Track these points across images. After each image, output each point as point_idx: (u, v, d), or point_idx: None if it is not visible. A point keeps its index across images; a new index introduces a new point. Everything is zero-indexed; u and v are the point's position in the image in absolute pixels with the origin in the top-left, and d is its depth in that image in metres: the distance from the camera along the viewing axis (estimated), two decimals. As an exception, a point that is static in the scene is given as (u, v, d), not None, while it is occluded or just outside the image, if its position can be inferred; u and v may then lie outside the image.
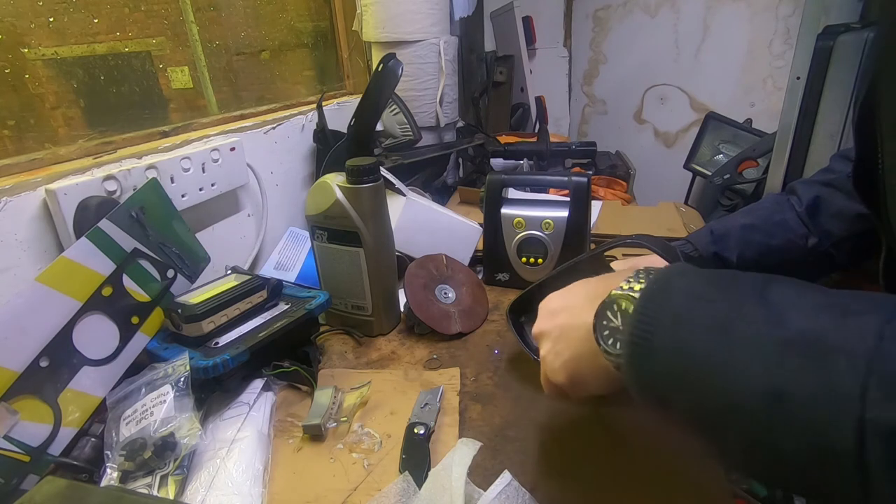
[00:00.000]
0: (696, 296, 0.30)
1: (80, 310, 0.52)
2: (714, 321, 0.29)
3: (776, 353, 0.26)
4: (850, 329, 0.25)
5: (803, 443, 0.25)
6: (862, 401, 0.23)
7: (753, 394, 0.26)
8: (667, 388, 0.30)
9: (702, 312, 0.29)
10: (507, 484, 0.41)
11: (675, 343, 0.30)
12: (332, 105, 1.09)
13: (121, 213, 0.56)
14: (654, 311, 0.31)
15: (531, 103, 1.73)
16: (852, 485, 0.24)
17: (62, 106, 0.79)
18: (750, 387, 0.26)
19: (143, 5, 0.87)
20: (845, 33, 0.86)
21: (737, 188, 1.43)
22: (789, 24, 1.74)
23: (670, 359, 0.30)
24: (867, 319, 0.25)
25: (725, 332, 0.28)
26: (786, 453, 0.26)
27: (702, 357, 0.28)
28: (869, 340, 0.24)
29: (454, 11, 1.36)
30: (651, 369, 0.31)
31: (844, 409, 0.23)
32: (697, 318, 0.29)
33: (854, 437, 0.23)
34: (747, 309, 0.28)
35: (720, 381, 0.27)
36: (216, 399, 0.56)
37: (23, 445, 0.46)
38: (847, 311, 0.26)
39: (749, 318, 0.28)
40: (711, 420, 0.29)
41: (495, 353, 0.66)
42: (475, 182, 1.28)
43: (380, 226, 0.67)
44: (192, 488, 0.45)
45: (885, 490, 0.23)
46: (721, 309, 0.29)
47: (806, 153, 0.95)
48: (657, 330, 0.30)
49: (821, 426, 0.24)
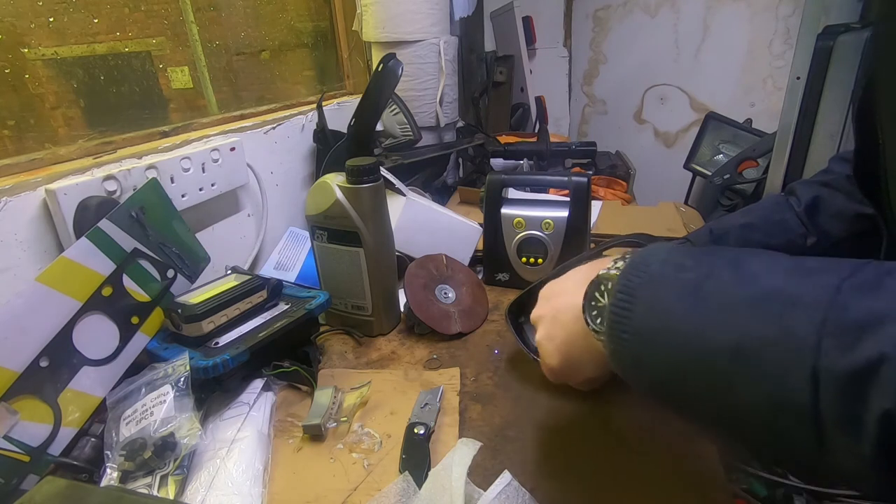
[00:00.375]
0: (674, 265, 0.32)
1: (80, 310, 0.52)
2: (688, 285, 0.30)
3: (741, 309, 0.27)
4: (811, 285, 0.26)
5: (762, 396, 0.25)
6: (816, 349, 0.23)
7: (719, 349, 0.27)
8: (641, 350, 0.31)
9: (677, 277, 0.31)
10: (507, 484, 0.41)
11: (650, 306, 0.31)
12: (332, 105, 1.09)
13: (121, 213, 0.56)
14: (634, 280, 0.32)
15: (531, 103, 1.73)
16: (807, 437, 0.24)
17: (62, 106, 0.79)
18: (716, 343, 0.27)
19: (143, 5, 0.87)
20: (845, 33, 0.86)
21: (737, 188, 1.43)
22: (789, 24, 1.74)
23: (645, 321, 0.31)
24: (828, 276, 0.25)
25: (697, 293, 0.29)
26: (746, 408, 0.26)
27: (674, 318, 0.29)
28: (827, 293, 0.25)
29: (454, 11, 1.36)
30: (627, 333, 0.32)
31: (800, 358, 0.24)
32: (672, 283, 0.31)
33: (808, 387, 0.23)
34: (719, 272, 0.29)
35: (689, 340, 0.28)
36: (216, 399, 0.56)
37: (23, 445, 0.46)
38: (812, 270, 0.27)
39: (719, 281, 0.29)
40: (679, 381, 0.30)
41: (495, 353, 0.66)
42: (475, 182, 1.28)
43: (380, 226, 0.67)
44: (192, 488, 0.45)
45: (838, 440, 0.23)
46: (695, 275, 0.30)
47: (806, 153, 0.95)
48: (635, 296, 0.32)
49: (778, 377, 0.25)
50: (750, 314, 0.27)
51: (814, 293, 0.25)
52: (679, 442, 0.49)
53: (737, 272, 0.29)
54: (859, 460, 0.22)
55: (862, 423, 0.22)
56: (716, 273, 0.29)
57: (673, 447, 0.48)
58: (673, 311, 0.30)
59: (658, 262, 0.33)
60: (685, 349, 0.29)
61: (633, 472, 0.46)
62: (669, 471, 0.46)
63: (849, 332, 0.23)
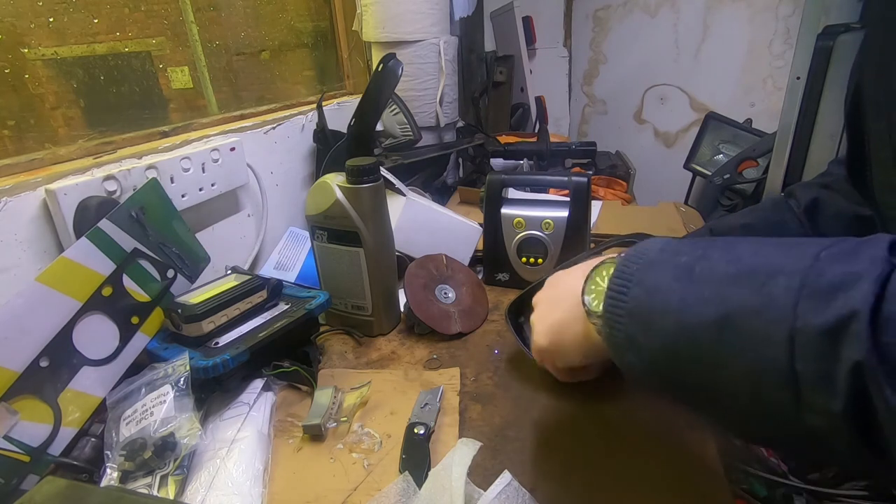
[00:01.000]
0: (671, 251, 0.33)
1: (80, 310, 0.52)
2: (682, 266, 0.31)
3: (728, 283, 0.28)
4: (794, 256, 0.27)
5: (746, 365, 0.26)
6: (793, 313, 0.24)
7: (706, 324, 0.28)
8: (635, 331, 0.32)
9: (672, 261, 0.32)
10: (507, 484, 0.41)
11: (645, 288, 0.32)
12: (332, 105, 1.09)
13: (121, 213, 0.56)
14: (631, 266, 0.34)
15: (531, 103, 1.73)
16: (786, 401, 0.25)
17: (62, 106, 0.79)
18: (704, 318, 0.28)
19: (143, 5, 0.87)
20: (845, 33, 0.86)
21: (737, 188, 1.43)
22: (789, 24, 1.74)
23: (639, 302, 0.32)
24: (811, 248, 0.27)
25: (690, 274, 0.30)
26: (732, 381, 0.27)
27: (666, 297, 0.31)
28: (807, 261, 0.26)
29: (454, 11, 1.35)
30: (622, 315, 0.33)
31: (778, 323, 0.25)
32: (668, 265, 0.32)
33: (785, 348, 0.24)
34: (711, 254, 0.31)
35: (680, 317, 0.29)
36: (216, 399, 0.56)
37: (23, 445, 0.46)
38: (796, 244, 0.28)
39: (711, 261, 0.30)
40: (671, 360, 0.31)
41: (495, 353, 0.66)
42: (475, 182, 1.28)
43: (380, 226, 0.67)
44: (192, 488, 0.45)
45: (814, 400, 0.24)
46: (690, 258, 0.32)
47: (806, 153, 0.95)
48: (631, 279, 0.33)
49: (759, 344, 0.26)
50: (736, 287, 0.28)
51: (794, 263, 0.26)
52: (679, 442, 0.49)
53: (728, 253, 0.30)
54: (832, 419, 0.23)
55: (834, 380, 0.23)
56: (708, 255, 0.31)
57: (673, 447, 0.48)
58: (666, 291, 0.31)
59: (656, 251, 0.34)
60: (676, 327, 0.30)
61: (632, 472, 0.46)
62: (669, 471, 0.46)
63: (823, 294, 0.24)
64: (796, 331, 0.24)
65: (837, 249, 0.26)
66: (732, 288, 0.28)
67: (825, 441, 0.25)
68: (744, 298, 0.27)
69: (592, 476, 0.46)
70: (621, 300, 0.33)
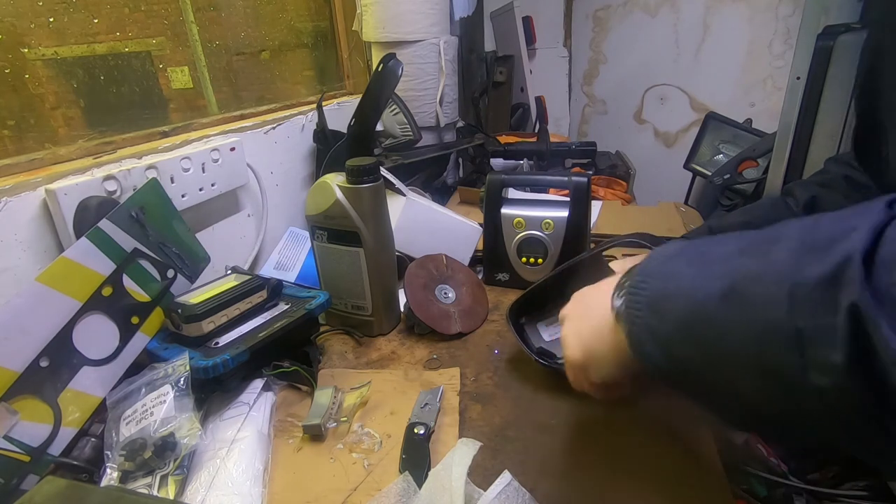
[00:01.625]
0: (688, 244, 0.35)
1: (80, 310, 0.52)
2: (696, 253, 0.33)
3: (734, 257, 0.29)
4: (797, 226, 0.28)
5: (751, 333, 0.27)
6: (793, 269, 0.25)
7: (714, 297, 0.29)
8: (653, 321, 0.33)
9: (688, 251, 0.34)
10: (507, 484, 0.41)
11: (662, 278, 0.34)
12: (332, 105, 1.09)
13: (121, 213, 0.56)
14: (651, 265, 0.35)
15: (531, 103, 1.73)
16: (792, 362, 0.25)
17: (62, 106, 0.79)
18: (711, 292, 0.29)
19: (143, 5, 0.87)
20: (845, 33, 0.85)
21: (737, 188, 1.43)
22: (789, 24, 1.74)
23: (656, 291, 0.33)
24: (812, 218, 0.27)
25: (702, 256, 0.32)
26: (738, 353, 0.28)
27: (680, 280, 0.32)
28: (808, 226, 0.27)
29: (454, 11, 1.35)
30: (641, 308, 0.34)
31: (779, 283, 0.25)
32: (684, 255, 0.33)
33: (786, 306, 0.24)
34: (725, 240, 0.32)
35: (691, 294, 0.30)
36: (216, 399, 0.56)
37: (23, 445, 0.46)
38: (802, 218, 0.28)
39: (722, 243, 0.32)
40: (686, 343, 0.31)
41: (495, 353, 0.66)
42: (475, 182, 1.28)
43: (380, 226, 0.67)
44: (192, 488, 0.45)
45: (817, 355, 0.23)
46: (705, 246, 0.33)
47: (806, 153, 0.95)
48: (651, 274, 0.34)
49: (762, 308, 0.26)
50: (741, 258, 0.29)
51: (796, 229, 0.27)
52: (679, 442, 0.49)
53: (740, 236, 0.31)
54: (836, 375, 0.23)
55: (835, 329, 0.23)
56: (723, 241, 0.32)
57: (673, 448, 0.48)
58: (679, 276, 0.32)
59: (675, 246, 0.35)
60: (687, 306, 0.30)
61: (633, 472, 0.46)
62: (670, 471, 0.46)
63: (821, 247, 0.24)
64: (795, 285, 0.24)
65: (837, 213, 0.26)
66: (738, 259, 0.29)
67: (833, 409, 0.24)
68: (748, 268, 0.28)
69: (592, 476, 0.46)
70: (641, 293, 0.34)
